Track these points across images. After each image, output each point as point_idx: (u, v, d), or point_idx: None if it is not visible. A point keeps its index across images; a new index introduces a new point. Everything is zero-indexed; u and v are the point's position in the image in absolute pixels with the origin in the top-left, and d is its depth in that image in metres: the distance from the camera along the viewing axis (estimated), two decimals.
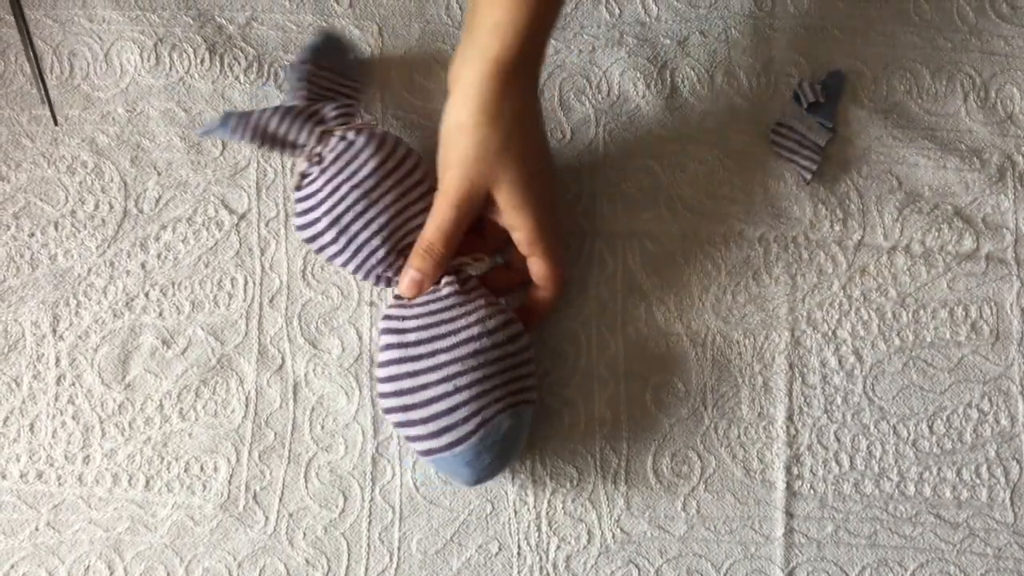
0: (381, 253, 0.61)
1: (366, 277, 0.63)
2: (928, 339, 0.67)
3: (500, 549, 0.66)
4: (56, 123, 0.66)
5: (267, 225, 0.68)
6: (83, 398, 0.67)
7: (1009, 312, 0.67)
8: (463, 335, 0.59)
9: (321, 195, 0.61)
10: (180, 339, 0.67)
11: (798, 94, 0.68)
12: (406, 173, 0.62)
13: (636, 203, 0.68)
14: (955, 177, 0.68)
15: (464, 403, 0.59)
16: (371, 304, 0.67)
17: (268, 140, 0.62)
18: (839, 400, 0.67)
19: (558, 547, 0.66)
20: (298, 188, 0.62)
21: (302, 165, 0.62)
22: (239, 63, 0.69)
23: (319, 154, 0.62)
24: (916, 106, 0.69)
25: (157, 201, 0.68)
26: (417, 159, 0.63)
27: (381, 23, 0.69)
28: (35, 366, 0.67)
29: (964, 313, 0.67)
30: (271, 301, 0.68)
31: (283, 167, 0.69)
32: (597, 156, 0.68)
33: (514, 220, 0.61)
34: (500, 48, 0.57)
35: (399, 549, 0.66)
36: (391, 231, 0.61)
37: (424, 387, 0.59)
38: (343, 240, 0.61)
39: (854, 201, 0.68)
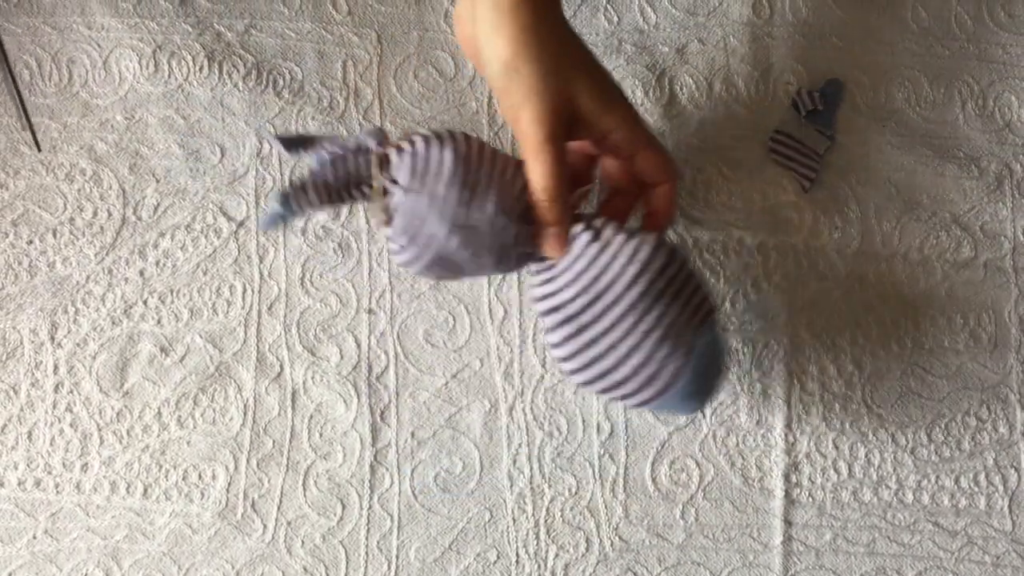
0: (512, 228, 0.56)
1: (506, 266, 0.58)
2: (926, 347, 0.67)
3: (499, 557, 0.66)
4: (39, 150, 0.66)
5: (265, 233, 0.68)
6: (81, 406, 0.67)
7: (1007, 320, 0.67)
8: (624, 281, 0.56)
9: (421, 209, 0.55)
10: (178, 347, 0.67)
11: (796, 102, 0.68)
12: (479, 147, 0.57)
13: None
14: (953, 185, 0.68)
15: (657, 345, 0.56)
16: (369, 312, 0.67)
17: (335, 194, 0.57)
18: (837, 408, 0.67)
19: (556, 555, 0.66)
20: (389, 223, 0.57)
21: (378, 201, 0.57)
22: (238, 70, 0.69)
23: (391, 179, 0.57)
24: (914, 114, 0.69)
25: (155, 208, 0.68)
26: (474, 136, 0.58)
27: (380, 30, 0.69)
28: (33, 374, 0.67)
29: (962, 321, 0.67)
30: (269, 308, 0.68)
31: (281, 174, 0.68)
32: None
33: (607, 121, 0.57)
34: None
35: (397, 557, 0.66)
36: (507, 204, 0.56)
37: (612, 348, 0.56)
38: (471, 237, 0.56)
39: (852, 209, 0.68)
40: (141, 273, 0.68)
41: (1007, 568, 0.66)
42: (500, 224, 0.56)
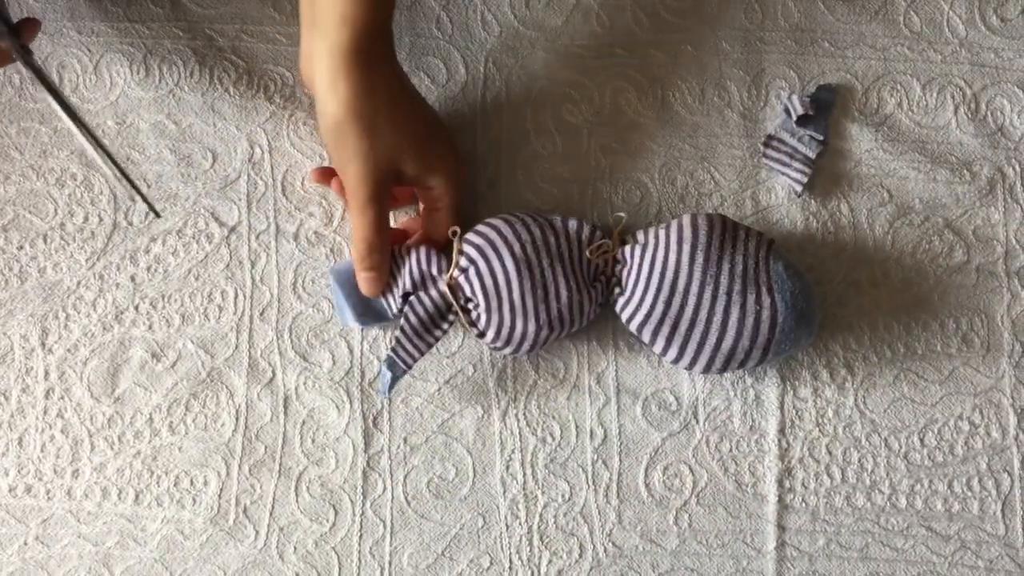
0: (587, 297, 0.62)
1: (589, 319, 0.64)
2: (919, 351, 0.67)
3: (492, 563, 0.66)
4: (158, 215, 0.66)
5: (257, 238, 0.68)
6: (72, 412, 0.67)
7: (1000, 324, 0.67)
8: (684, 261, 0.61)
9: (505, 317, 0.61)
10: (170, 352, 0.67)
11: (788, 107, 0.68)
12: (530, 236, 0.62)
13: (627, 216, 0.68)
14: (945, 190, 0.68)
15: (743, 294, 0.61)
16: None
17: (428, 334, 0.63)
18: (830, 413, 0.67)
19: (550, 561, 0.66)
20: (483, 335, 0.63)
21: (466, 322, 0.63)
22: (229, 75, 0.69)
23: (469, 299, 0.62)
24: (907, 119, 0.69)
25: (147, 214, 0.68)
26: (518, 220, 0.63)
27: None
28: (24, 379, 0.67)
29: (955, 325, 0.67)
30: (261, 314, 0.68)
31: (273, 180, 0.68)
32: (588, 170, 0.68)
33: (430, 180, 0.62)
34: (353, 39, 0.57)
35: (390, 563, 0.66)
36: (576, 281, 0.62)
37: (709, 322, 0.61)
38: (557, 323, 0.62)
39: (845, 214, 0.68)
40: (132, 279, 0.68)
41: (1000, 572, 0.66)
42: (578, 300, 0.62)
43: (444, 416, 0.67)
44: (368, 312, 0.65)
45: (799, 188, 0.67)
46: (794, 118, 0.68)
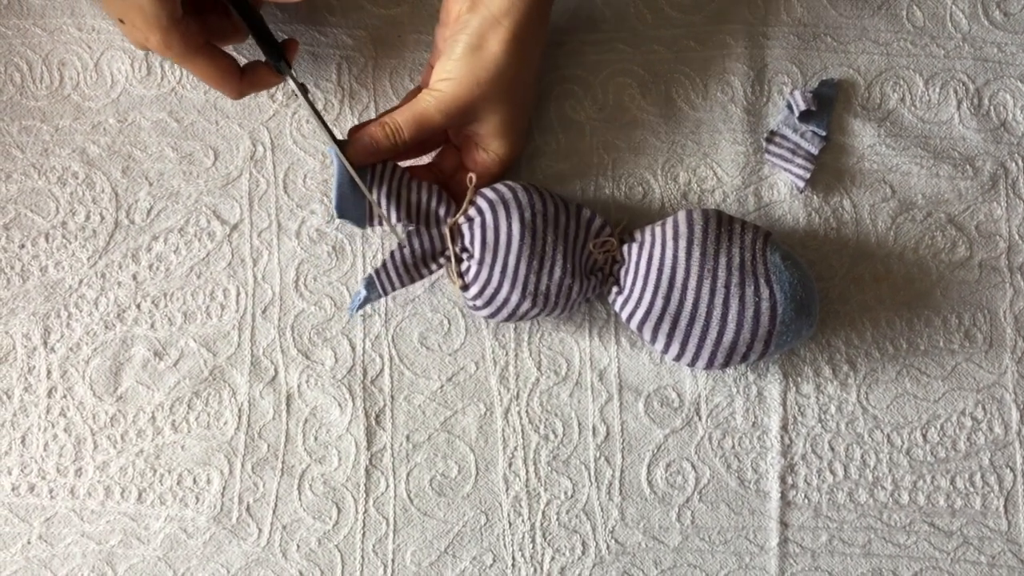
0: (579, 285, 0.62)
1: (575, 308, 0.64)
2: (922, 347, 0.67)
3: (495, 561, 0.66)
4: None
5: (259, 236, 0.68)
6: (75, 410, 0.67)
7: (1002, 320, 0.67)
8: (681, 257, 0.61)
9: (495, 278, 0.61)
10: (172, 351, 0.67)
11: (791, 102, 0.68)
12: (543, 207, 0.62)
13: (629, 212, 0.68)
14: (948, 185, 0.68)
15: (741, 287, 0.61)
16: (364, 315, 0.67)
17: (415, 270, 0.63)
18: (833, 409, 0.67)
19: (553, 558, 0.66)
20: (467, 289, 0.62)
21: (455, 270, 0.62)
22: None
23: (464, 249, 0.62)
24: (909, 114, 0.69)
25: (149, 212, 0.68)
26: (535, 191, 0.62)
27: (373, 32, 0.69)
28: (26, 378, 0.67)
29: (957, 321, 0.67)
30: (264, 312, 0.67)
31: (275, 177, 0.68)
32: (590, 165, 0.68)
33: (493, 145, 0.63)
34: None
35: (393, 561, 0.66)
36: (574, 265, 0.62)
37: (709, 316, 0.61)
38: (543, 300, 0.61)
39: (847, 210, 0.68)
40: (134, 277, 0.68)
41: (1003, 568, 0.66)
42: (568, 284, 0.61)
43: (447, 413, 0.67)
44: (348, 208, 0.62)
45: (801, 184, 0.67)
46: (796, 114, 0.67)
